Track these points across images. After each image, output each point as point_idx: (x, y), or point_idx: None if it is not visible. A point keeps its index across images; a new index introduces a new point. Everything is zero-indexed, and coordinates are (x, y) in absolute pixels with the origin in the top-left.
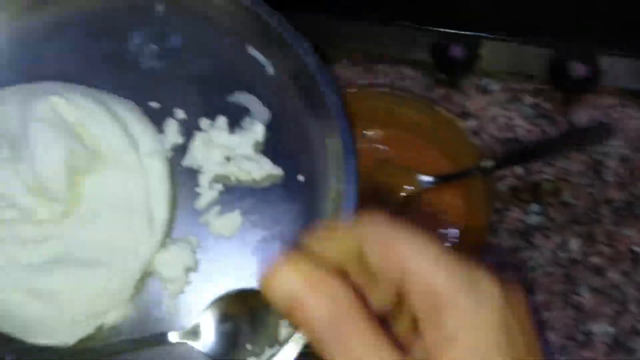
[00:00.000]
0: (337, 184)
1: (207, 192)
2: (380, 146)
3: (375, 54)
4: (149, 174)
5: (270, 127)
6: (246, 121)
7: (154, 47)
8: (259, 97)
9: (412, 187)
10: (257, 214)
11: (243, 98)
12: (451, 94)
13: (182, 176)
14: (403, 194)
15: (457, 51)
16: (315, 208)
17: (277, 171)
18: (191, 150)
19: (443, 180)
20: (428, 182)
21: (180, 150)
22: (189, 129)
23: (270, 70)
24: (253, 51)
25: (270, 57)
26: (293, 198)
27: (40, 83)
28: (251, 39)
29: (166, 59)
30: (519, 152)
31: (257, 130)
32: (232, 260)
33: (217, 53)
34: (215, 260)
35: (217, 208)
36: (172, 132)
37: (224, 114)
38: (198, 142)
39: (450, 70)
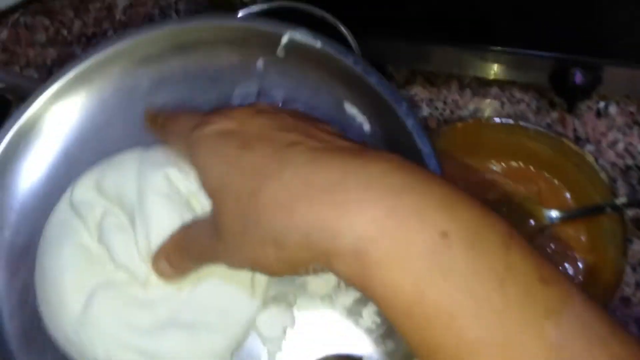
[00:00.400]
0: None
1: None
2: (503, 179)
3: (485, 79)
4: None
5: None
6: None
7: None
8: None
9: (537, 222)
10: None
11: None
12: (565, 117)
13: None
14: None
15: (579, 77)
16: None
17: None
18: None
19: (573, 216)
20: (556, 217)
21: None
22: None
23: (366, 127)
24: (350, 108)
25: (367, 114)
26: None
27: (156, 150)
28: (348, 96)
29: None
30: None
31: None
32: (326, 321)
33: (315, 109)
34: (311, 320)
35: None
36: None
37: None
38: None
39: (569, 96)
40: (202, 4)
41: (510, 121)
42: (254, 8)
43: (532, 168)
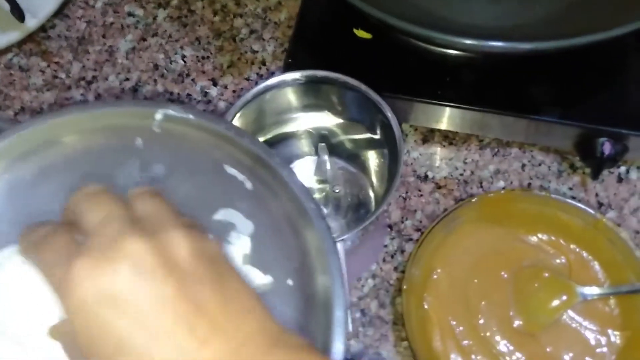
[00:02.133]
0: (324, 281)
1: None
2: (535, 249)
3: (505, 142)
4: None
5: (254, 238)
6: (232, 236)
7: (138, 179)
8: (241, 211)
9: (569, 297)
10: None
11: (227, 214)
12: (586, 181)
13: None
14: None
15: (608, 148)
16: (307, 308)
17: (267, 280)
18: None
19: (606, 294)
20: (591, 296)
21: None
22: None
23: (248, 185)
24: (230, 169)
25: (246, 174)
26: (285, 302)
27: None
28: (227, 159)
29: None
30: None
31: (243, 244)
32: None
33: (198, 176)
34: None
35: None
36: None
37: (211, 232)
38: None
39: (596, 165)
40: (207, 48)
41: (542, 193)
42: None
43: (562, 241)
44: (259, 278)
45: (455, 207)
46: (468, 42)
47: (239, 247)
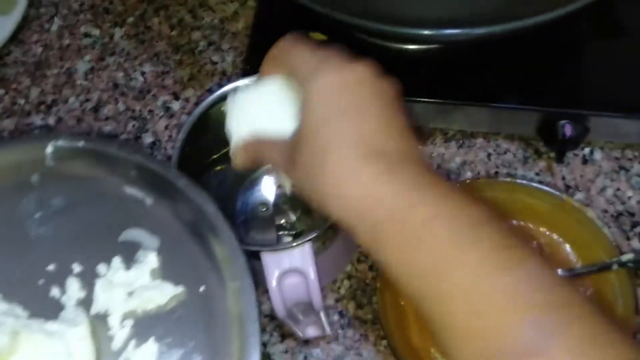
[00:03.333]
0: (233, 284)
1: (120, 331)
2: None
3: (469, 132)
4: (70, 340)
5: (161, 251)
6: (139, 254)
7: (38, 214)
8: (146, 228)
9: None
10: (171, 335)
11: (132, 234)
12: (552, 166)
13: (94, 326)
14: None
15: (569, 130)
16: (221, 311)
17: (179, 290)
18: (95, 298)
19: (579, 274)
20: (563, 276)
21: (87, 302)
22: (89, 279)
23: (148, 201)
24: (129, 189)
25: (145, 190)
26: (199, 309)
27: None
28: (125, 180)
29: (53, 221)
30: None
31: (150, 260)
32: None
33: (99, 202)
34: None
35: (132, 342)
36: (74, 290)
37: (118, 254)
38: (99, 289)
39: (559, 148)
40: (166, 63)
41: (508, 179)
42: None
43: (531, 225)
44: (171, 290)
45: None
46: (425, 32)
47: (147, 264)
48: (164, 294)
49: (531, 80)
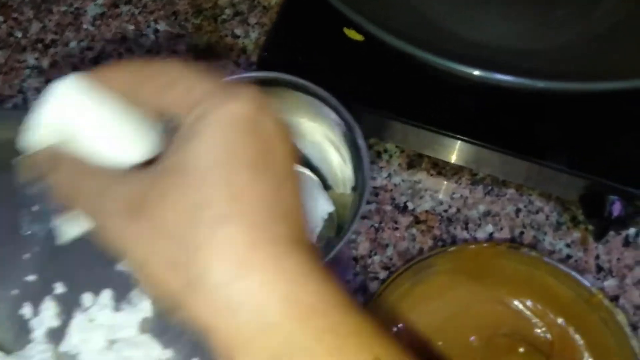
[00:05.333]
0: None
1: None
2: (517, 317)
3: (502, 180)
4: None
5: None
6: (133, 295)
7: (36, 207)
8: None
9: None
10: None
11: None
12: (588, 240)
13: None
14: None
15: (617, 209)
16: None
17: (166, 356)
18: (69, 334)
19: None
20: None
21: (58, 335)
22: (69, 306)
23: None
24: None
25: None
26: None
27: None
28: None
29: (51, 221)
30: None
31: (144, 307)
32: None
33: None
34: None
35: None
36: (49, 315)
37: (110, 286)
38: (77, 326)
39: (601, 225)
40: (183, 25)
41: (532, 253)
42: (249, 74)
43: (548, 311)
44: (157, 354)
45: (430, 254)
46: (476, 73)
47: (139, 310)
48: (148, 356)
49: (587, 142)
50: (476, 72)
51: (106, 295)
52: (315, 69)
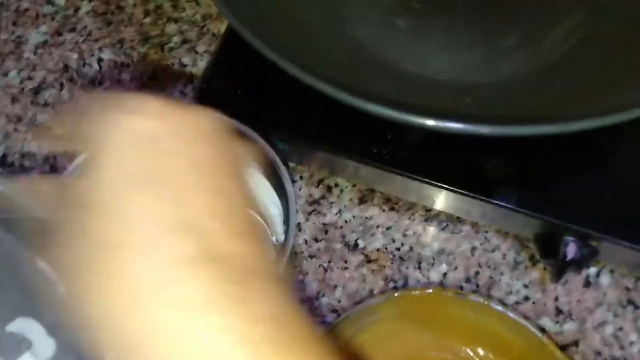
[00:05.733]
0: None
1: None
2: None
3: (457, 216)
4: None
5: None
6: (25, 357)
7: None
8: (44, 324)
9: None
10: None
11: (24, 326)
12: (546, 280)
13: None
14: None
15: (572, 251)
16: None
17: None
18: None
19: None
20: None
21: None
22: None
23: (62, 289)
24: (43, 265)
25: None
26: None
27: None
28: (40, 251)
29: None
30: None
31: None
32: None
33: (7, 265)
34: None
35: None
36: None
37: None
38: None
39: (557, 267)
40: (129, 54)
41: (480, 300)
42: None
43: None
44: None
45: (372, 301)
46: (428, 122)
47: None
48: None
49: (537, 180)
50: (428, 122)
51: None
52: (255, 102)
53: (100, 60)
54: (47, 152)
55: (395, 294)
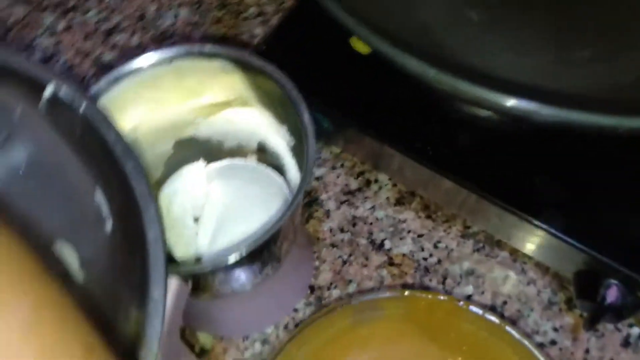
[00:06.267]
0: None
1: None
2: None
3: (497, 240)
4: None
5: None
6: None
7: None
8: (80, 257)
9: None
10: None
11: (64, 251)
12: (580, 328)
13: None
14: None
15: (613, 294)
16: None
17: None
18: None
19: None
20: None
21: None
22: None
23: (108, 227)
24: (99, 197)
25: (114, 209)
26: None
27: None
28: (100, 181)
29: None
30: None
31: None
32: None
33: (55, 183)
34: None
35: None
36: None
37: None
38: None
39: (593, 311)
40: (204, 15)
41: (497, 321)
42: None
43: None
44: None
45: (379, 294)
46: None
47: None
48: None
49: (591, 209)
50: (510, 102)
51: None
52: (309, 73)
53: (176, 15)
54: None
55: (406, 293)
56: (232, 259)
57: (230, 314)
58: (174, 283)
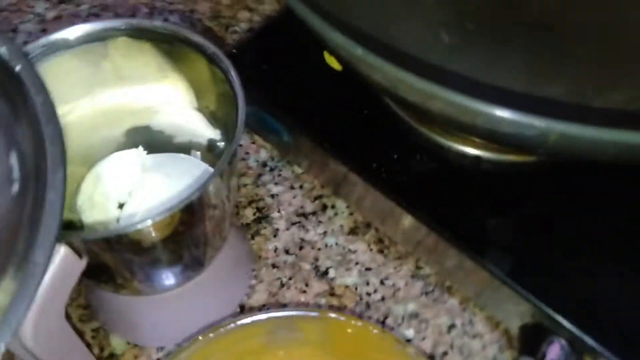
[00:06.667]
0: None
1: None
2: None
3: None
4: None
5: None
6: None
7: None
8: None
9: None
10: None
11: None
12: None
13: None
14: None
15: (554, 352)
16: None
17: None
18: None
19: None
20: None
21: None
22: None
23: (15, 188)
24: (14, 160)
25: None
26: None
27: None
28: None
29: None
30: None
31: None
32: None
33: None
34: None
35: None
36: None
37: None
38: None
39: None
40: (194, 24)
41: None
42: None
43: None
44: None
45: (292, 312)
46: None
47: None
48: None
49: (543, 256)
50: (503, 113)
51: None
52: (275, 83)
53: (165, 20)
54: None
55: (317, 313)
56: (138, 226)
57: (150, 318)
58: (63, 251)
